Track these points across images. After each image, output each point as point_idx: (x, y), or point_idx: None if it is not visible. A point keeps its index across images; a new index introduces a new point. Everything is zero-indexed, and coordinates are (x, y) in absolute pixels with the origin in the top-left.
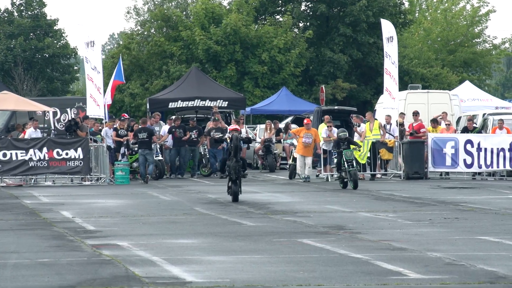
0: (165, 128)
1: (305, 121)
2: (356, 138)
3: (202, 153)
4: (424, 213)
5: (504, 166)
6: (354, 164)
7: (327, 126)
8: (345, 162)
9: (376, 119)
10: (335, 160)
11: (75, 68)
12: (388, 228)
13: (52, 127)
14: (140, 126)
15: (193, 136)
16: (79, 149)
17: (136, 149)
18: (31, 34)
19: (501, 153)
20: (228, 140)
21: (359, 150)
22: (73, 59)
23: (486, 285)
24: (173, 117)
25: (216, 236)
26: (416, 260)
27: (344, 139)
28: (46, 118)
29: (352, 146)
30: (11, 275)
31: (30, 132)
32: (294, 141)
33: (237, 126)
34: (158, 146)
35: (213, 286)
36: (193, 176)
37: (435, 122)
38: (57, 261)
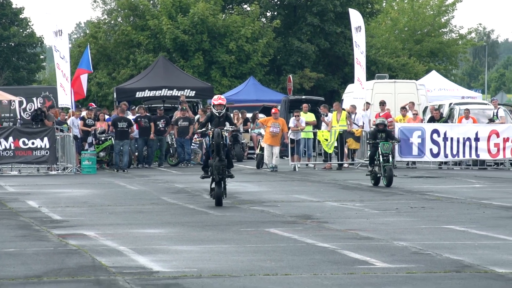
0: (130, 117)
1: (272, 110)
2: (323, 127)
3: (170, 142)
4: (391, 203)
5: (470, 155)
6: (390, 159)
7: (295, 116)
8: (380, 156)
9: (343, 109)
10: (369, 153)
11: (41, 57)
12: (355, 217)
13: (18, 117)
14: (119, 115)
15: (160, 126)
16: (46, 139)
17: (103, 138)
18: None
19: (467, 143)
20: (210, 135)
21: (396, 143)
22: (39, 48)
23: (452, 274)
24: (137, 107)
25: (184, 225)
26: (382, 249)
27: (382, 129)
28: (12, 108)
29: (390, 141)
30: None
31: None
32: (262, 131)
33: (220, 101)
34: None
35: (180, 276)
36: (160, 166)
37: (404, 109)
38: (23, 251)
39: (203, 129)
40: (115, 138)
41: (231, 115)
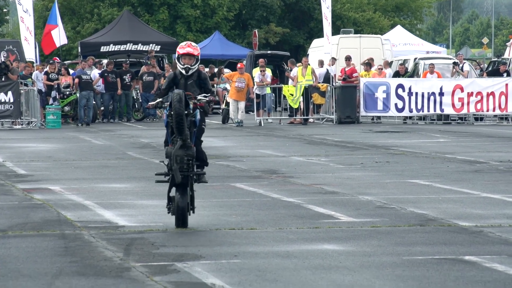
0: (95, 72)
1: (238, 65)
2: (290, 83)
3: (135, 97)
4: (356, 157)
5: (435, 110)
6: None
7: (260, 71)
8: None
9: (309, 64)
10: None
11: (4, 10)
12: (320, 172)
13: None
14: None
15: (126, 80)
16: (10, 93)
17: (67, 92)
18: None
19: (432, 97)
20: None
21: None
22: (2, 1)
23: (416, 228)
24: (104, 61)
25: (149, 180)
26: (347, 204)
27: None
28: None
29: None
30: None
31: None
32: (227, 86)
33: (190, 49)
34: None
35: (146, 230)
36: (129, 121)
37: (368, 65)
38: None
39: (159, 100)
40: (80, 90)
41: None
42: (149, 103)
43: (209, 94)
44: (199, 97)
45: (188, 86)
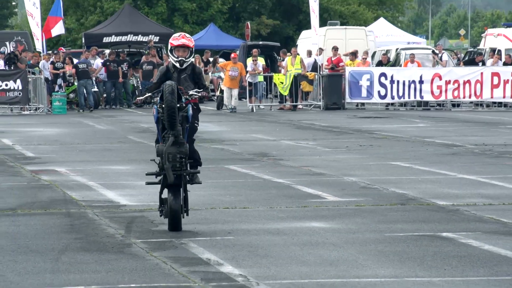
0: (98, 62)
1: (232, 55)
2: (280, 71)
3: (135, 85)
4: (342, 141)
5: (415, 97)
6: None
7: (253, 60)
8: None
9: (298, 54)
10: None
11: (13, 3)
12: (308, 155)
13: None
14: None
15: (124, 69)
16: (18, 81)
17: (72, 81)
18: None
19: (412, 85)
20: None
21: None
22: None
23: (397, 207)
24: (106, 51)
25: (149, 163)
26: (333, 184)
27: None
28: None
29: None
30: None
31: None
32: (222, 74)
33: (184, 40)
34: (94, 78)
35: (145, 209)
36: (128, 107)
37: (353, 55)
38: None
39: (147, 94)
40: (78, 79)
41: (200, 66)
42: (137, 98)
43: (201, 90)
44: (191, 92)
45: (181, 80)
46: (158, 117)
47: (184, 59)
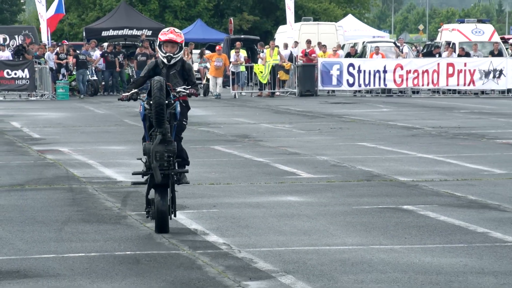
0: (97, 53)
1: (217, 47)
2: (259, 62)
3: (130, 74)
4: (314, 124)
5: (379, 85)
6: None
7: (235, 52)
8: None
9: (276, 47)
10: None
11: (22, 1)
12: (285, 136)
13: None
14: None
15: (120, 60)
16: (26, 70)
17: (71, 69)
18: None
19: (377, 74)
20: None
21: None
22: None
23: (364, 182)
24: (104, 44)
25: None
26: (307, 163)
27: None
28: (5, 43)
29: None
30: None
31: None
32: (208, 64)
33: (172, 35)
34: (94, 68)
35: (139, 186)
36: (122, 93)
37: (324, 47)
38: (8, 163)
39: (133, 91)
40: (77, 69)
41: (189, 61)
42: (123, 94)
43: (190, 87)
44: (178, 89)
45: (170, 76)
46: (145, 114)
47: (172, 54)
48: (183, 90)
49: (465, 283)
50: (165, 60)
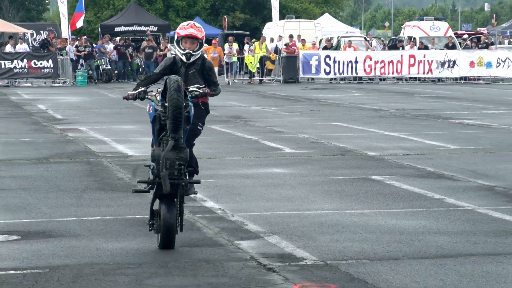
0: (111, 46)
1: (213, 41)
2: (248, 53)
3: (139, 64)
4: (296, 107)
5: (352, 73)
6: None
7: (229, 45)
8: None
9: (264, 41)
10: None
11: (46, 1)
12: (271, 117)
13: (30, 44)
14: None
15: (130, 51)
16: (50, 60)
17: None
18: None
19: (350, 64)
20: (156, 96)
21: None
22: None
23: (338, 157)
24: (117, 38)
25: (150, 123)
26: (290, 140)
27: None
28: (25, 38)
29: None
30: (2, 150)
31: (10, 48)
32: (206, 56)
33: (193, 29)
34: (108, 58)
35: (147, 159)
36: (134, 81)
37: (303, 41)
38: (35, 140)
39: (141, 89)
40: (84, 60)
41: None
42: (128, 93)
43: (203, 86)
44: (191, 88)
45: (189, 76)
46: (155, 115)
47: (191, 51)
48: (196, 89)
49: (424, 241)
50: (183, 58)
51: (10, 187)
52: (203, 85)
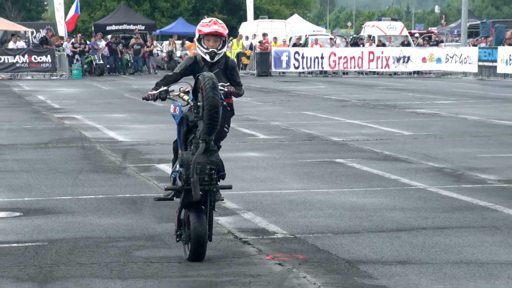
0: (103, 43)
1: (195, 39)
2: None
3: (128, 59)
4: (269, 97)
5: (318, 68)
6: None
7: None
8: None
9: (241, 39)
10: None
11: (45, 3)
12: (247, 107)
13: (31, 41)
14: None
15: (120, 48)
16: (49, 56)
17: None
18: None
19: (316, 60)
20: (181, 96)
21: None
22: None
23: (306, 142)
24: (108, 36)
25: (138, 112)
26: (263, 127)
27: None
28: (26, 36)
29: None
30: (6, 136)
31: (12, 45)
32: (188, 52)
33: (217, 26)
34: (100, 54)
35: (136, 144)
36: (123, 74)
37: (275, 39)
38: (35, 127)
39: (162, 88)
40: (79, 56)
41: (167, 41)
42: (148, 93)
43: (228, 84)
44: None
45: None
46: (182, 117)
47: (216, 50)
48: (221, 88)
49: (381, 216)
50: (207, 57)
51: (13, 169)
52: (227, 84)
